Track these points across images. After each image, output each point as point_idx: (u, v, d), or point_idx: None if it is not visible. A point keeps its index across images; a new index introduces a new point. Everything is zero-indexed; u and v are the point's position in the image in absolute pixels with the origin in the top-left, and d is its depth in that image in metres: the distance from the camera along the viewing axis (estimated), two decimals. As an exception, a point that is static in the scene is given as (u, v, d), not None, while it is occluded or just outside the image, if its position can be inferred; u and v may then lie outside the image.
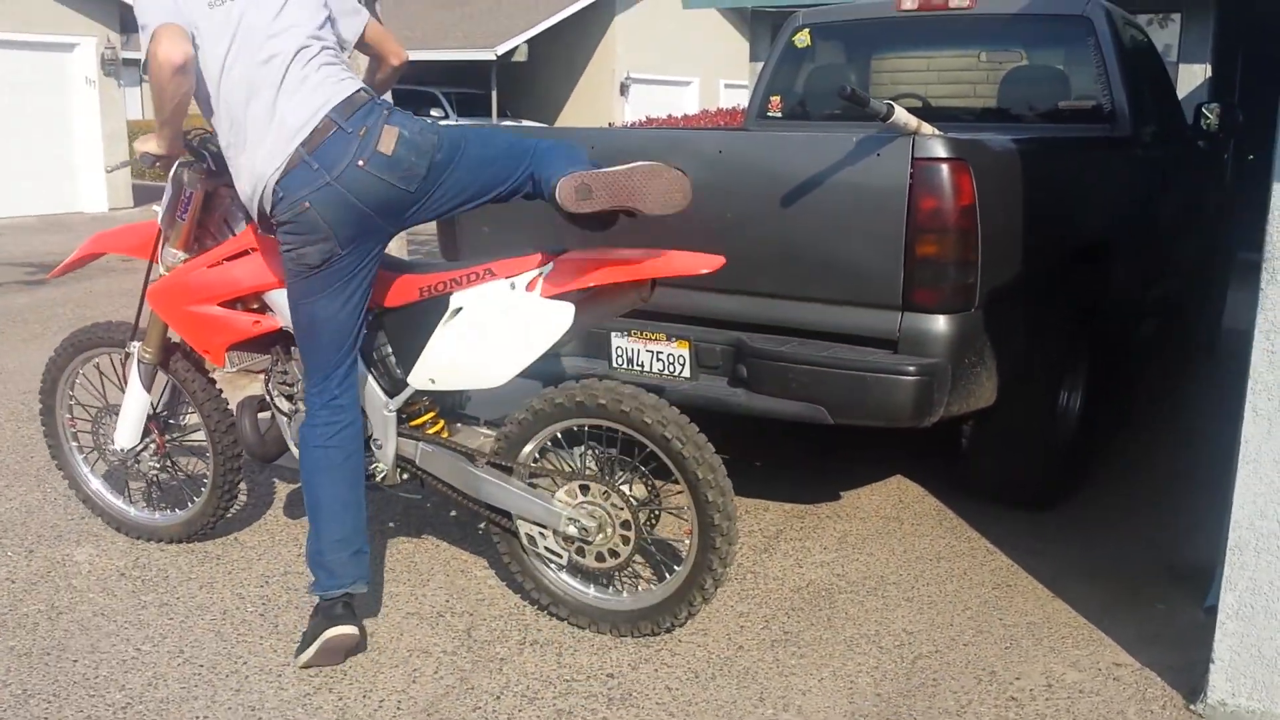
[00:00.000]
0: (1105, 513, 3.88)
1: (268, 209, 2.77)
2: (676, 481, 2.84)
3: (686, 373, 3.59)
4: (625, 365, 3.69)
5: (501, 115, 21.64)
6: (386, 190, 2.72)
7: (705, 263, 2.83)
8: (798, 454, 4.48)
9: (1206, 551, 3.29)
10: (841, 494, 4.08)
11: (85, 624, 3.04)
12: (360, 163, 2.69)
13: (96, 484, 3.66)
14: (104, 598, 3.20)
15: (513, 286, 2.86)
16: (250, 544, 3.59)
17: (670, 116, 14.87)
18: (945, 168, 3.15)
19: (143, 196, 14.27)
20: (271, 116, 2.72)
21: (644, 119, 14.22)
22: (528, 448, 2.98)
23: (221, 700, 2.68)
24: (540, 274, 2.85)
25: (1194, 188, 5.52)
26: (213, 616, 3.10)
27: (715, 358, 3.54)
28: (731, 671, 2.83)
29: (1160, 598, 3.21)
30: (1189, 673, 2.75)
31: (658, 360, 3.65)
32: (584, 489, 2.90)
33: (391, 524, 3.76)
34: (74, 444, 3.67)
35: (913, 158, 3.15)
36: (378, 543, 3.59)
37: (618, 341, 3.68)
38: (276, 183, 2.71)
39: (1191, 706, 2.64)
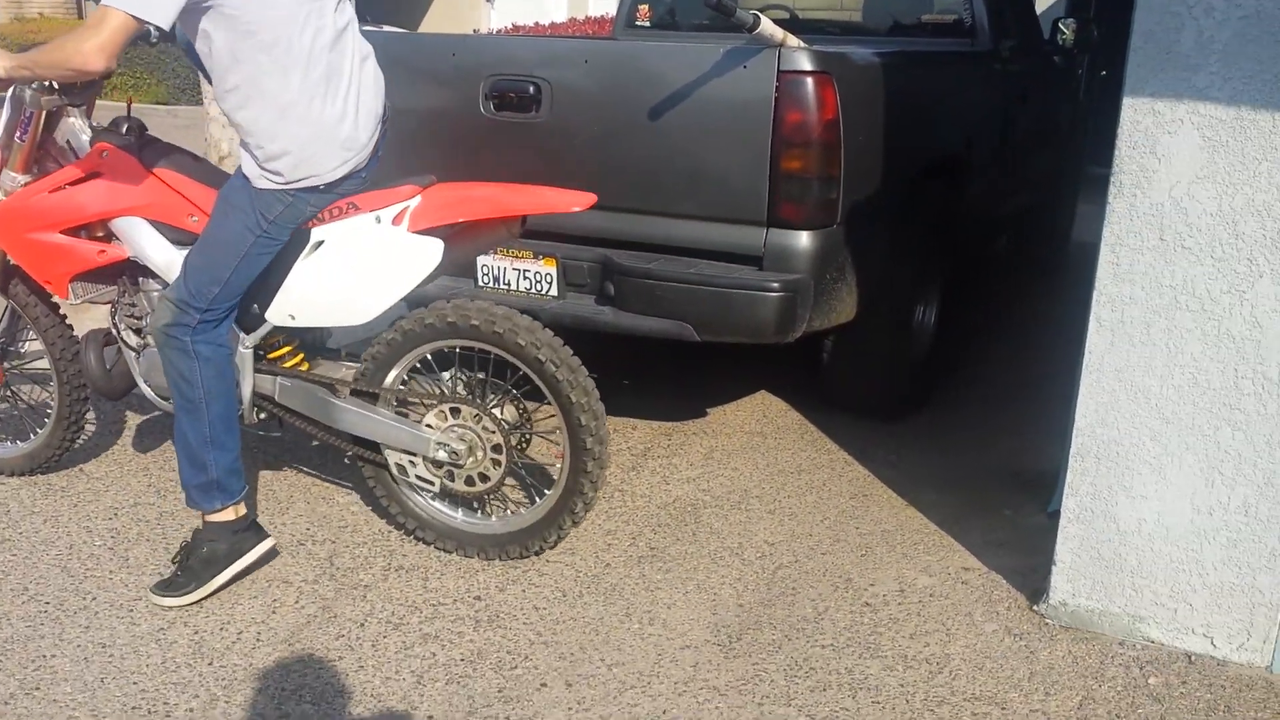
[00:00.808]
0: (958, 424, 4.03)
1: (328, 177, 2.64)
2: (548, 403, 2.82)
3: (554, 291, 3.55)
4: (492, 284, 3.62)
5: (361, 21, 20.80)
6: None
7: (577, 200, 2.79)
8: (665, 371, 4.51)
9: (1051, 459, 3.44)
10: (708, 410, 4.13)
11: (-83, 565, 2.89)
12: (374, 168, 2.81)
13: None
14: (-63, 536, 3.04)
15: (378, 220, 2.76)
16: (97, 475, 3.44)
17: (537, 24, 14.50)
18: (810, 81, 3.14)
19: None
20: (375, 88, 2.71)
21: (510, 26, 13.85)
22: (393, 373, 2.91)
23: (70, 638, 2.58)
24: (407, 208, 2.75)
25: (1049, 103, 5.66)
26: (58, 551, 2.97)
27: (583, 275, 3.50)
28: (598, 589, 2.86)
29: (1007, 504, 3.36)
30: (1032, 575, 2.90)
31: (524, 279, 3.59)
32: (453, 412, 2.85)
33: (248, 450, 3.65)
34: None
35: (779, 70, 3.14)
36: (235, 470, 3.49)
37: (483, 260, 3.60)
38: (366, 160, 2.70)
39: (1035, 607, 2.78)
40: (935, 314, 4.20)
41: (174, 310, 2.70)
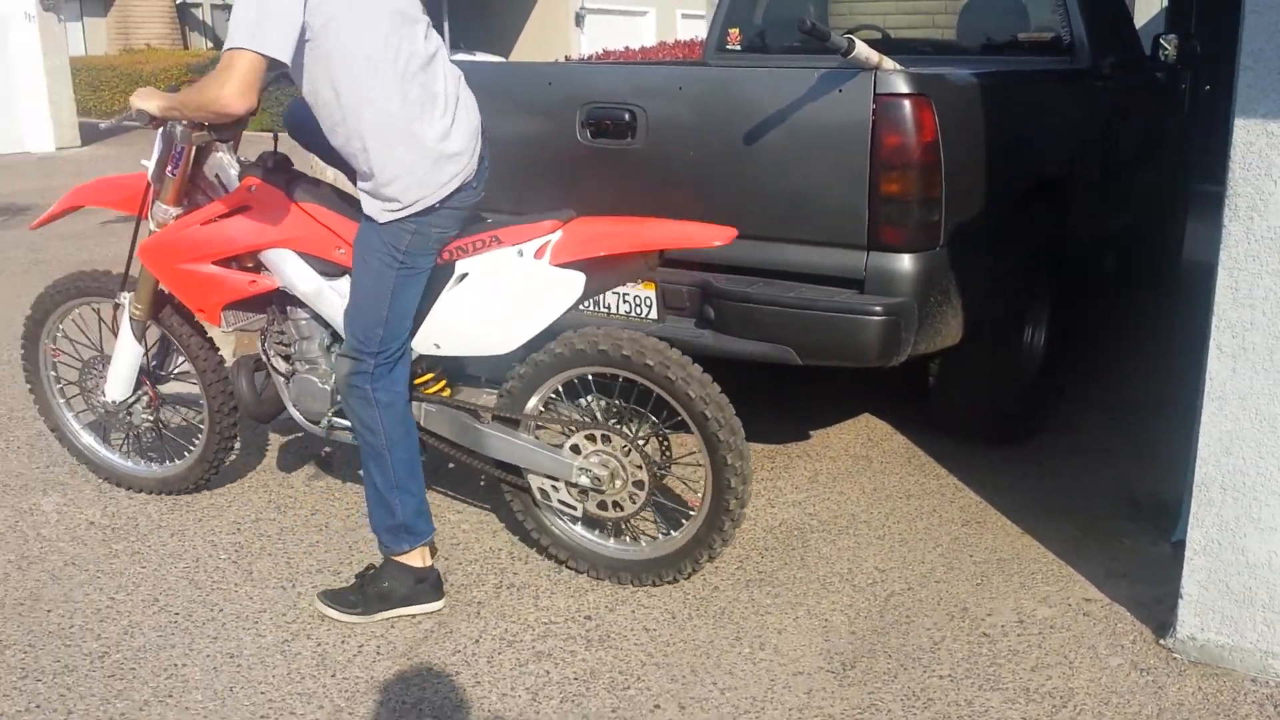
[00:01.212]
0: (1070, 448, 3.94)
1: (440, 194, 2.71)
2: (685, 426, 2.84)
3: (653, 314, 3.58)
4: (592, 307, 3.66)
5: (454, 48, 21.24)
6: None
7: (718, 234, 2.81)
8: (767, 392, 4.50)
9: (1171, 485, 3.35)
10: (811, 433, 4.11)
11: (57, 574, 3.02)
12: (485, 179, 2.88)
13: (87, 438, 3.59)
14: (74, 547, 3.17)
15: (520, 254, 2.82)
16: (220, 491, 3.56)
17: (627, 49, 14.65)
18: (908, 103, 3.13)
19: (89, 135, 13.89)
20: (469, 111, 2.78)
21: (600, 51, 14.01)
22: (535, 398, 2.96)
23: (199, 648, 2.67)
24: (549, 241, 2.81)
25: (1153, 120, 5.55)
26: (186, 564, 3.08)
27: (682, 299, 3.52)
28: (708, 612, 2.87)
29: (1126, 532, 3.27)
30: (1157, 608, 2.82)
31: (624, 302, 3.63)
32: (602, 439, 2.88)
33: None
34: (57, 386, 3.60)
35: (875, 94, 3.13)
36: (352, 489, 3.58)
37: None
38: (473, 173, 2.75)
39: (1161, 641, 2.71)
40: (1044, 335, 4.13)
41: (350, 362, 2.79)
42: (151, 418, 3.45)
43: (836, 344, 3.25)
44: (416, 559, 2.87)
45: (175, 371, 3.51)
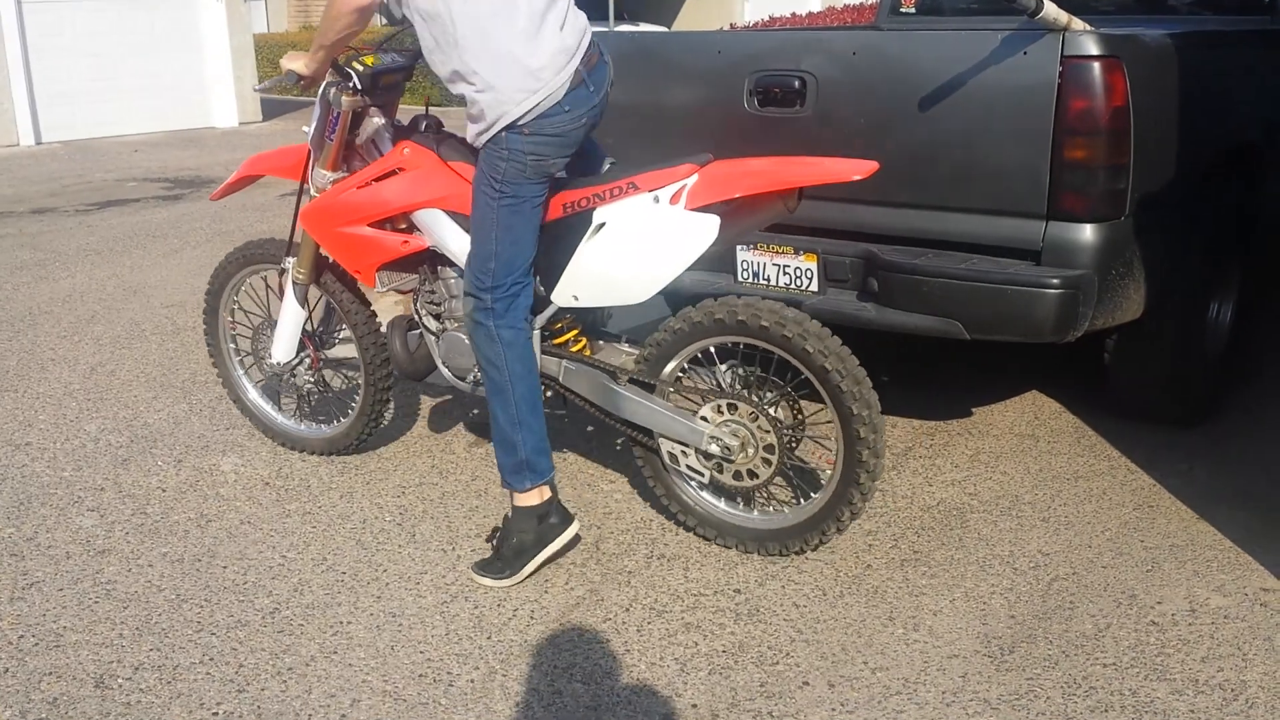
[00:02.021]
0: (1256, 432, 3.71)
1: (526, 117, 2.73)
2: (824, 406, 2.80)
3: (814, 286, 3.52)
4: (751, 279, 3.63)
5: (619, 18, 21.31)
6: (600, 116, 2.88)
7: (857, 168, 2.74)
8: (927, 367, 4.38)
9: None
10: (973, 410, 3.98)
11: (233, 531, 3.19)
12: (608, 88, 2.87)
13: (261, 403, 3.79)
14: (250, 506, 3.34)
15: (656, 200, 2.82)
16: (387, 455, 3.69)
17: (794, 15, 14.39)
18: (1097, 66, 2.98)
19: (271, 110, 14.56)
20: (558, 29, 2.76)
21: (766, 18, 13.81)
22: (672, 364, 2.97)
23: (363, 606, 2.78)
24: (684, 186, 2.80)
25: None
26: (353, 525, 3.21)
27: (844, 271, 3.45)
28: (860, 590, 2.82)
29: (1315, 522, 3.07)
30: (1347, 602, 2.64)
31: (784, 274, 3.58)
32: (730, 408, 2.87)
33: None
34: (236, 358, 3.80)
35: (1062, 55, 3.00)
36: (507, 455, 3.66)
37: (743, 255, 3.62)
38: (563, 96, 2.74)
39: (1350, 638, 2.53)
40: (1231, 312, 3.89)
41: (471, 300, 2.88)
42: (314, 379, 3.61)
43: (1009, 318, 3.14)
44: (535, 497, 2.91)
45: (339, 337, 3.66)
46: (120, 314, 5.39)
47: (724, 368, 2.96)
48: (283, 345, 3.52)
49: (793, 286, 3.56)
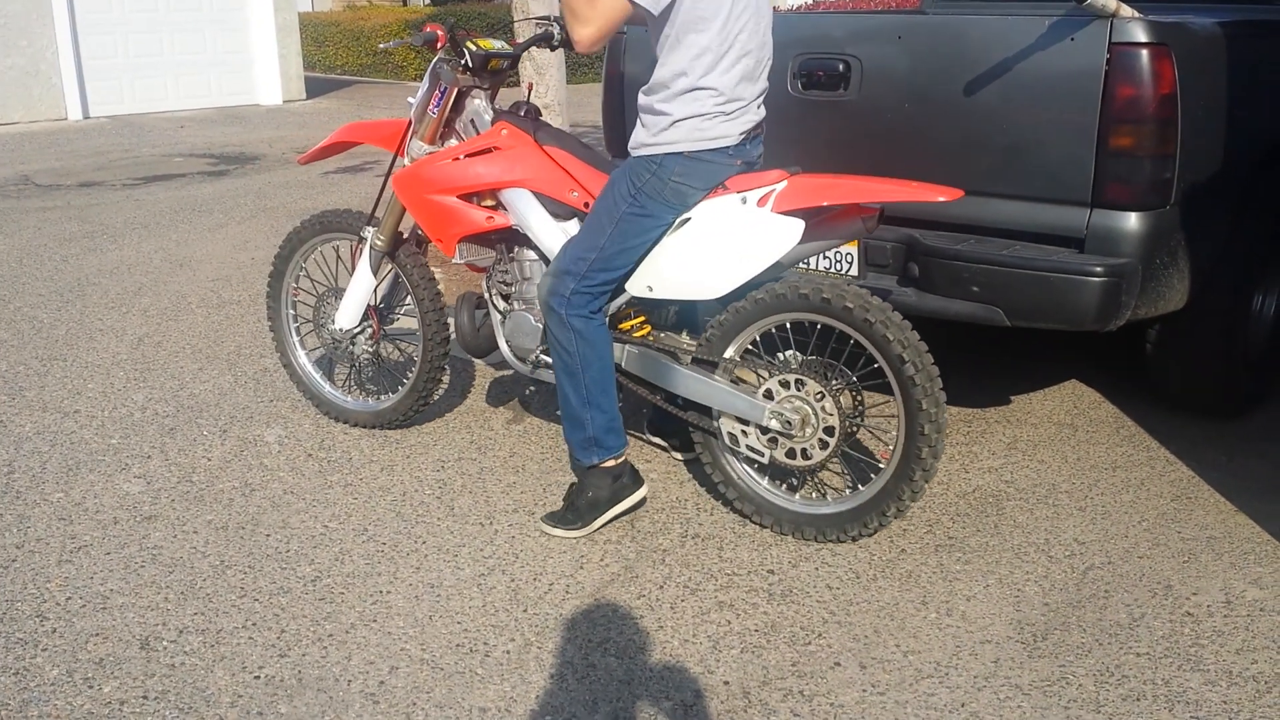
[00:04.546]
0: (1299, 425, 3.67)
1: (699, 149, 2.79)
2: (883, 390, 2.80)
3: (854, 271, 3.52)
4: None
5: None
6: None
7: (942, 192, 2.74)
8: (965, 353, 4.37)
9: None
10: (1011, 398, 3.97)
11: (276, 501, 3.24)
12: (751, 155, 2.94)
13: (314, 374, 3.84)
14: (293, 477, 3.40)
15: (744, 201, 2.84)
16: (426, 430, 3.74)
17: (836, -1, 14.26)
18: (1145, 53, 2.95)
19: (315, 89, 14.66)
20: (764, 80, 2.86)
21: (811, 1, 13.71)
22: (732, 346, 2.98)
23: (403, 577, 2.83)
24: (773, 190, 2.82)
25: None
26: (393, 498, 3.26)
27: (885, 256, 3.45)
28: (894, 574, 2.83)
29: (1358, 517, 3.04)
30: (1388, 598, 2.62)
31: (824, 258, 3.59)
32: (797, 384, 2.88)
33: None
34: (294, 325, 3.86)
35: (1110, 42, 2.97)
36: (548, 433, 3.69)
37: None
38: (734, 146, 2.82)
39: (1389, 633, 2.51)
40: (1276, 304, 3.84)
41: (552, 280, 2.92)
42: (372, 349, 3.66)
43: (1051, 305, 3.12)
44: (610, 463, 2.98)
45: (400, 313, 3.72)
46: (167, 286, 5.48)
47: (790, 352, 2.96)
48: (349, 312, 3.59)
49: (832, 270, 3.57)
